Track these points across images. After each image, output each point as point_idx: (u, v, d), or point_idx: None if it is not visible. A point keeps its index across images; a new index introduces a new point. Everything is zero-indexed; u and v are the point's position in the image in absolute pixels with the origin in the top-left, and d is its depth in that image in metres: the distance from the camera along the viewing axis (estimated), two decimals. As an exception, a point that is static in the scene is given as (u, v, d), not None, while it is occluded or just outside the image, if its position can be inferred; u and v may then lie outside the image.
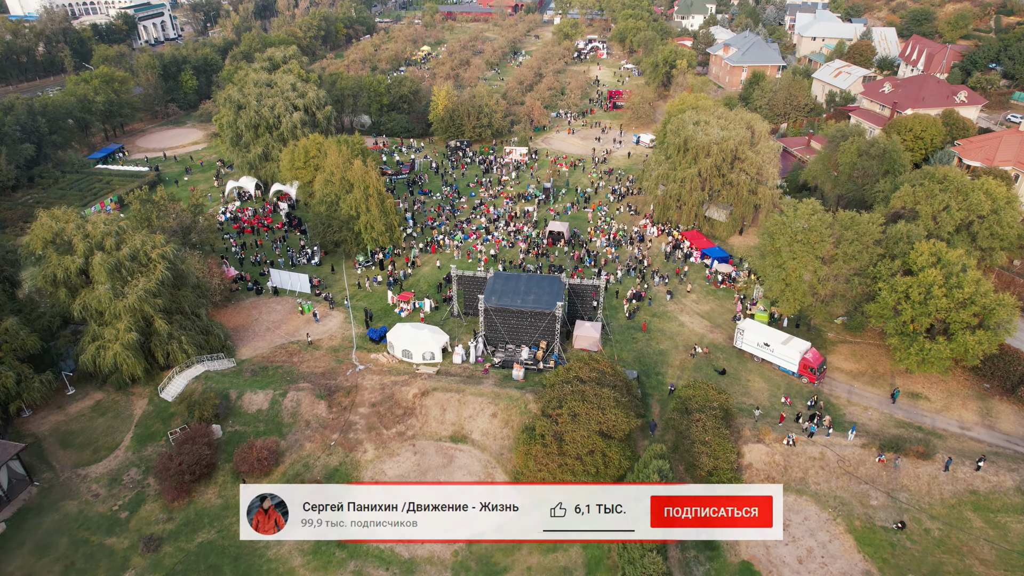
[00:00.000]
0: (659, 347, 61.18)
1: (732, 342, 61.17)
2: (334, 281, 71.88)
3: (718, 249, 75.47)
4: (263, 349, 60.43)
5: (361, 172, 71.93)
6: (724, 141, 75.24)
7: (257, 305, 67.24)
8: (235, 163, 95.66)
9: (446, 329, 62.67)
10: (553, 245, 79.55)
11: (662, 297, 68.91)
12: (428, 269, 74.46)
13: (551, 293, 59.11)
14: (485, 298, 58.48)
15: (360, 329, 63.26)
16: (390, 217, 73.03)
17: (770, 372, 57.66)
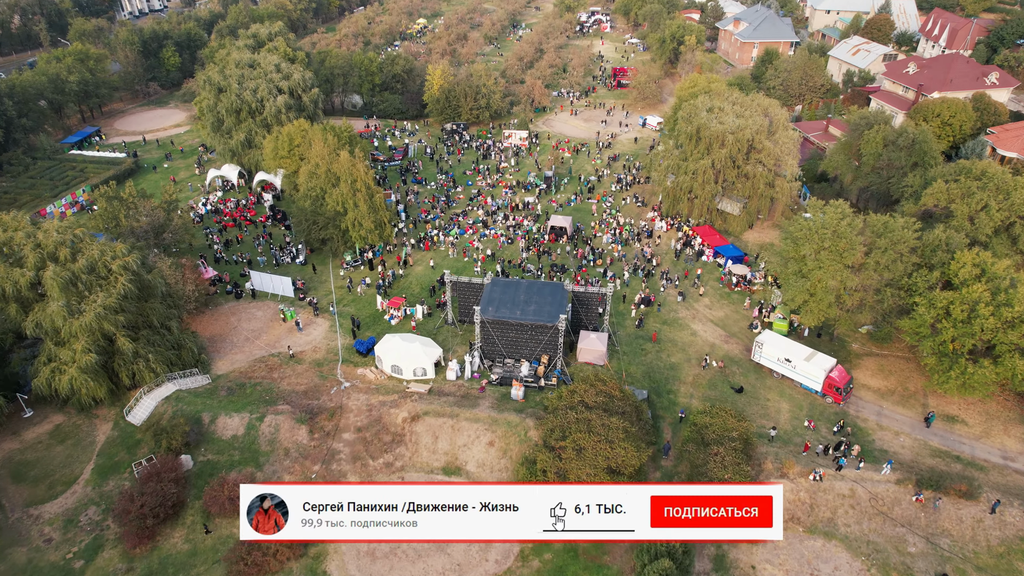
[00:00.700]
0: (670, 360, 56.49)
1: (749, 355, 56.48)
2: (319, 283, 66.90)
3: (732, 247, 70.35)
4: (241, 363, 55.71)
5: (348, 165, 66.44)
6: (740, 131, 69.59)
7: (236, 311, 62.35)
8: (217, 150, 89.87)
9: (439, 339, 57.92)
10: (555, 241, 74.41)
11: (672, 301, 64.03)
12: (421, 269, 69.42)
13: (553, 303, 54.21)
14: (481, 309, 53.60)
15: (346, 339, 58.48)
16: (380, 213, 67.75)
17: (791, 390, 53.07)
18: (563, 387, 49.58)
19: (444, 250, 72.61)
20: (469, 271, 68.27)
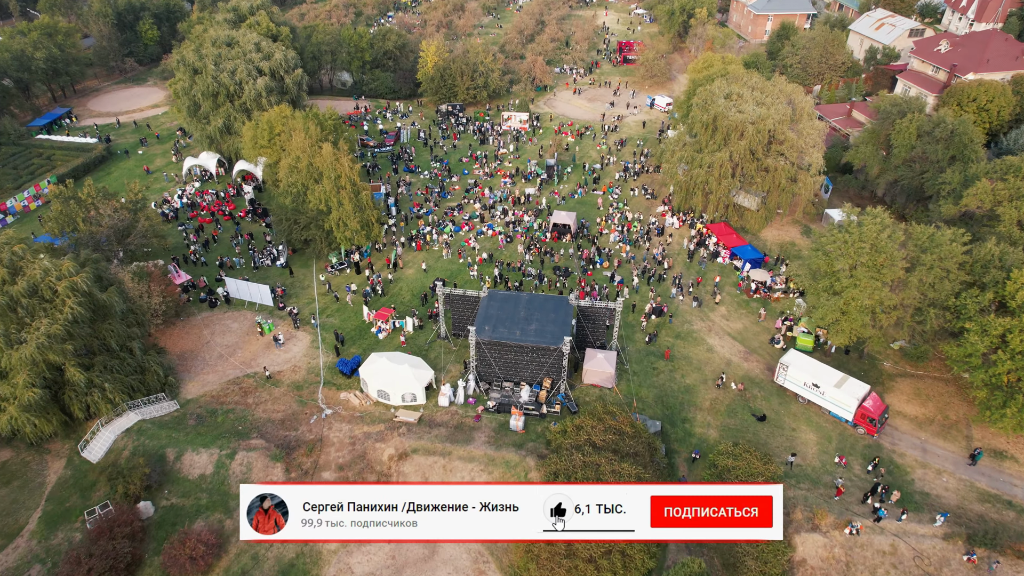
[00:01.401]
0: (685, 381, 51.37)
1: (772, 375, 51.39)
2: (301, 289, 61.41)
3: (751, 249, 64.66)
4: (213, 385, 50.58)
5: (331, 159, 60.41)
6: (761, 120, 63.34)
7: (210, 322, 56.99)
8: (194, 136, 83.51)
9: (431, 357, 52.77)
10: (558, 239, 68.74)
11: (685, 310, 58.65)
12: (412, 272, 63.87)
13: (557, 320, 48.87)
14: (477, 328, 48.29)
15: (329, 357, 53.26)
16: (367, 212, 61.94)
17: (819, 418, 48.08)
18: (568, 419, 44.48)
19: (438, 250, 66.97)
20: (464, 275, 62.80)
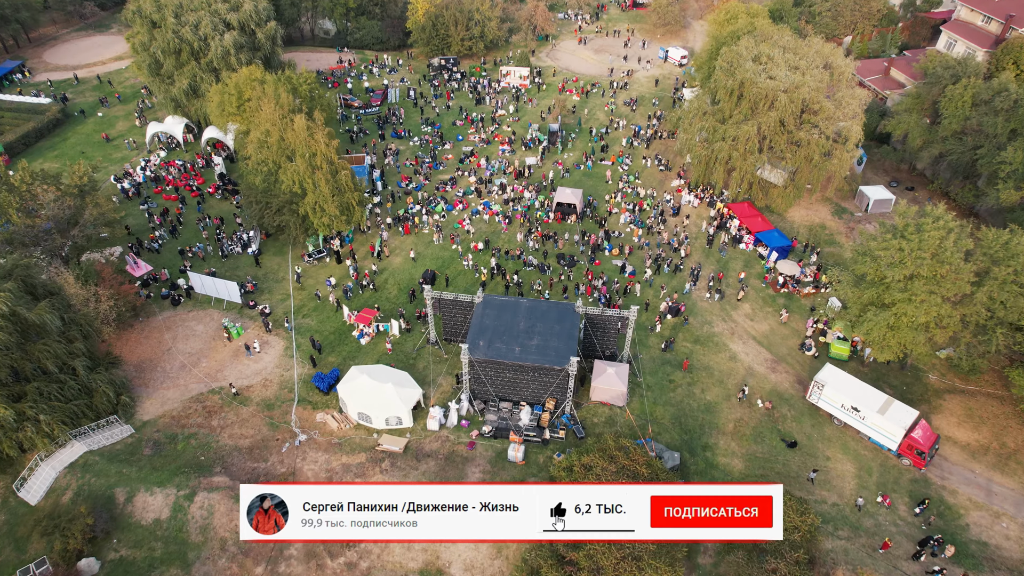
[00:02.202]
0: (705, 397, 45.61)
1: (802, 388, 45.74)
2: (275, 282, 54.84)
3: (777, 235, 57.70)
4: (174, 403, 44.81)
5: (304, 135, 52.80)
6: (795, 89, 55.38)
7: (172, 324, 50.73)
8: (157, 98, 75.09)
9: (419, 366, 46.94)
10: (562, 221, 61.74)
11: (705, 308, 52.37)
12: (399, 261, 57.18)
13: (562, 334, 42.73)
14: (469, 343, 42.19)
15: (304, 368, 47.29)
16: (346, 195, 54.70)
17: (857, 444, 42.57)
18: (574, 455, 38.84)
19: (428, 233, 60.03)
20: (457, 265, 56.18)
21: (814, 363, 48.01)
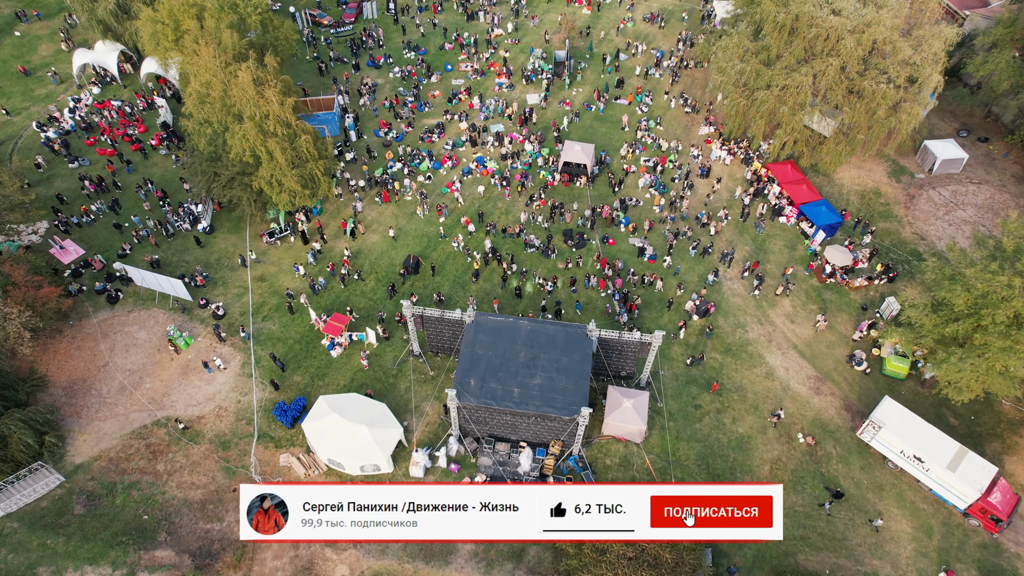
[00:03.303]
0: (736, 429, 38.90)
1: (849, 415, 39.15)
2: (230, 271, 46.34)
3: (825, 208, 48.38)
4: (112, 439, 38.08)
5: (252, 92, 42.30)
6: (867, 28, 44.10)
7: (109, 329, 42.92)
8: (79, 20, 62.26)
9: (401, 389, 39.88)
10: (571, 183, 52.19)
11: (738, 304, 44.47)
12: (377, 240, 48.36)
13: (572, 370, 35.30)
14: (458, 383, 34.86)
15: (265, 392, 40.11)
16: (309, 165, 44.95)
17: (914, 495, 36.42)
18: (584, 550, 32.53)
19: (411, 200, 50.67)
20: (445, 246, 47.47)
21: (864, 382, 40.91)
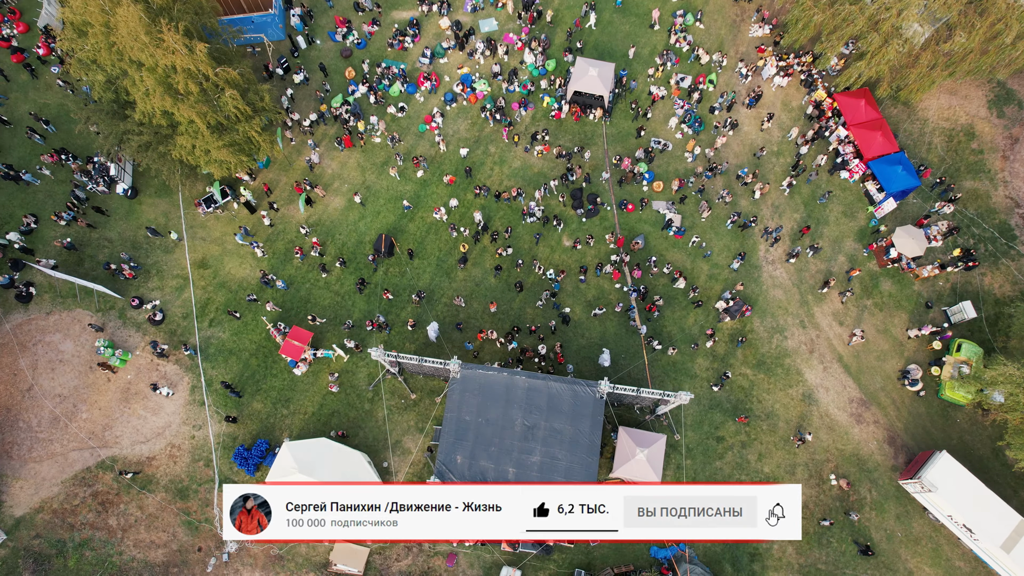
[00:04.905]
0: (763, 469, 34.41)
1: (890, 447, 34.48)
2: (164, 252, 37.89)
3: (901, 167, 38.22)
4: (52, 486, 33.52)
5: (144, 39, 30.37)
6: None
7: (26, 339, 35.86)
8: None
9: (378, 417, 34.58)
10: (582, 117, 41.28)
11: (775, 297, 37.22)
12: (339, 205, 39.12)
13: (578, 441, 29.76)
14: (441, 462, 29.40)
15: (221, 426, 34.60)
16: (241, 127, 34.22)
17: (951, 550, 33.12)
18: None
19: (380, 144, 40.30)
20: (424, 213, 38.54)
21: (916, 406, 35.43)
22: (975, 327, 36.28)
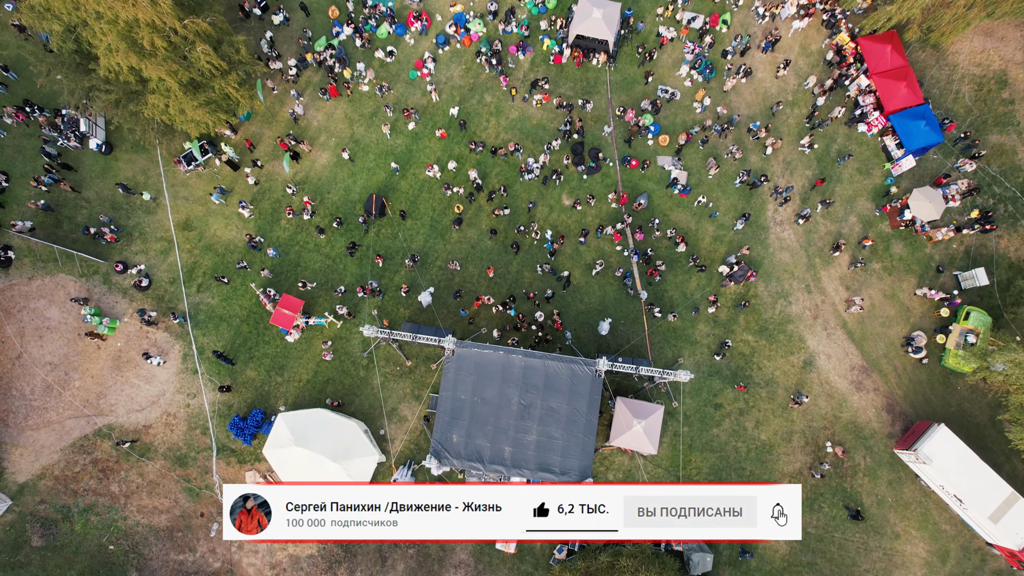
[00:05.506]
0: (759, 437, 34.51)
1: (888, 415, 34.50)
2: (146, 213, 36.26)
3: (924, 122, 35.79)
4: (52, 453, 33.75)
5: (98, -13, 27.64)
6: None
7: (10, 305, 34.86)
8: None
9: (373, 384, 34.35)
10: (584, 62, 38.43)
11: (781, 260, 36.05)
12: (325, 162, 37.08)
13: (574, 422, 29.58)
14: (436, 442, 29.33)
15: (214, 395, 34.37)
16: (218, 83, 31.76)
17: (939, 515, 33.74)
18: (579, 561, 30.37)
19: (368, 92, 37.72)
20: (416, 170, 36.67)
21: (917, 373, 35.07)
22: (985, 293, 35.26)
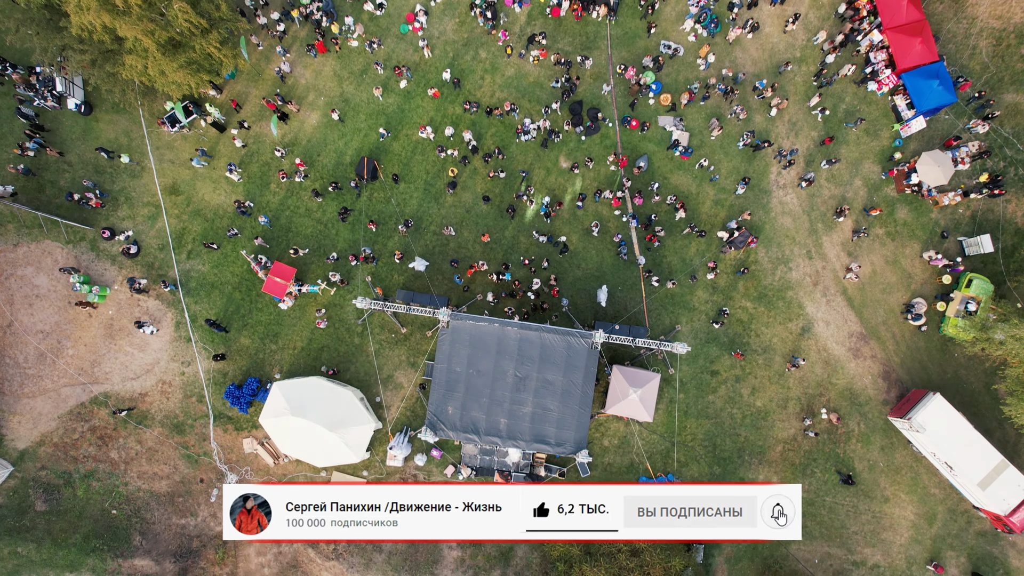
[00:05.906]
0: (755, 403, 34.66)
1: (884, 382, 34.59)
2: (132, 177, 35.21)
3: (937, 84, 34.31)
4: (49, 421, 33.91)
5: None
6: None
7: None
8: None
9: (368, 351, 34.23)
10: (583, 15, 36.61)
11: (783, 225, 35.35)
12: (315, 123, 35.79)
13: (570, 394, 29.58)
14: (432, 413, 29.38)
15: (209, 363, 34.23)
16: (198, 43, 30.22)
17: (928, 480, 34.30)
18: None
19: (357, 49, 36.07)
20: (409, 131, 35.45)
21: (916, 340, 34.91)
22: (989, 260, 34.68)
